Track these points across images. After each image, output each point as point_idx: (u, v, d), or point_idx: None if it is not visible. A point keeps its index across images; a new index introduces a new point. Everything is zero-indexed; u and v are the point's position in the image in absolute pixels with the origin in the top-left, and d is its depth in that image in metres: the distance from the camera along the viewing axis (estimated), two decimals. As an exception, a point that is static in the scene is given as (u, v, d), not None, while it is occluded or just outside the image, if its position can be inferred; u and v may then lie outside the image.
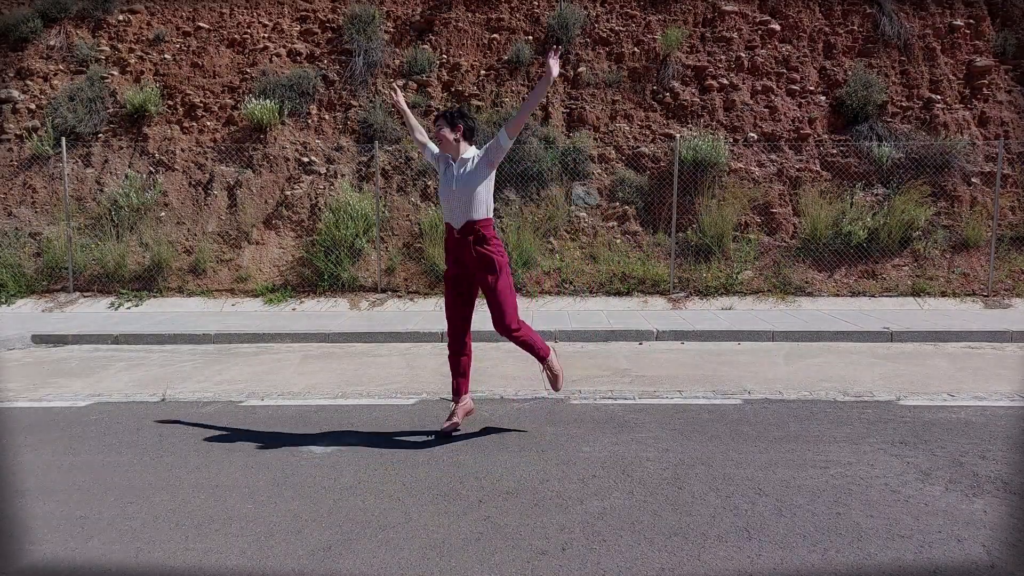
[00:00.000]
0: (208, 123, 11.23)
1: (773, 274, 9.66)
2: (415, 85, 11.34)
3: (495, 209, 10.20)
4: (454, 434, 4.19)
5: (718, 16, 11.51)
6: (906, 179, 10.12)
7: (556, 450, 3.88)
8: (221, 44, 11.80)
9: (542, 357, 4.18)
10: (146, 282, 9.98)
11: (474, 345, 7.21)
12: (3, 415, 4.85)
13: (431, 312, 8.97)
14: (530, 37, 11.53)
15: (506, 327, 4.01)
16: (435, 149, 4.23)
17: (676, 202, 9.82)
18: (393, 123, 10.99)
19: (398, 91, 4.52)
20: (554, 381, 4.27)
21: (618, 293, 9.52)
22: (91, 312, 9.26)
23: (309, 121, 11.16)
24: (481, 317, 4.39)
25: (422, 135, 4.39)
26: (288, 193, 10.59)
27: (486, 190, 3.95)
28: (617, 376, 5.82)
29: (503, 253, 4.03)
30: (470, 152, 4.02)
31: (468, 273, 4.02)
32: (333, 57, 11.60)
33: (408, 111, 4.45)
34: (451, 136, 3.97)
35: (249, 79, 11.41)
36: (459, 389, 4.20)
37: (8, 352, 7.26)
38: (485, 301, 4.05)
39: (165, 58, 11.72)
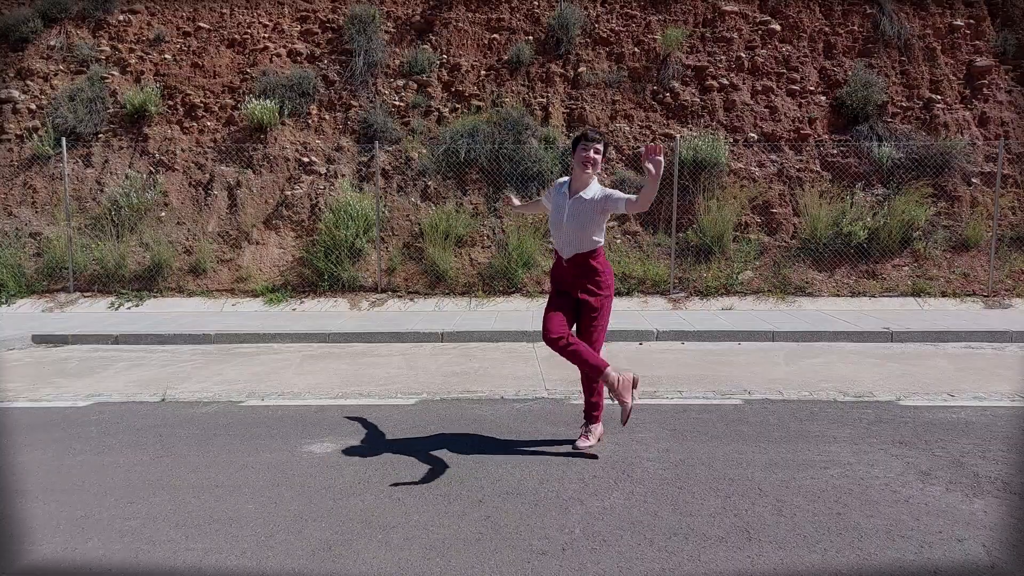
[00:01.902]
0: (208, 123, 11.23)
1: (773, 274, 9.66)
2: (415, 85, 11.34)
3: (496, 210, 10.25)
4: (453, 433, 4.19)
5: (718, 16, 11.52)
6: (906, 179, 10.12)
7: (556, 450, 3.88)
8: (221, 44, 11.80)
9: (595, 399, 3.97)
10: (146, 282, 9.98)
11: (474, 345, 7.26)
12: (3, 415, 4.85)
13: (431, 312, 8.97)
14: (530, 37, 11.53)
15: (600, 361, 3.71)
16: (543, 199, 4.10)
17: (676, 202, 9.83)
18: (393, 123, 10.99)
19: (512, 200, 4.29)
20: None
21: (618, 293, 9.50)
22: (91, 312, 9.27)
23: (309, 121, 11.16)
24: (491, 317, 4.36)
25: (544, 202, 4.14)
26: (288, 193, 10.59)
27: (598, 229, 3.77)
28: (617, 376, 5.81)
29: (609, 285, 3.85)
30: (591, 190, 3.74)
31: (573, 296, 3.88)
32: (333, 57, 11.60)
33: (519, 207, 4.31)
34: (600, 164, 3.74)
35: (249, 79, 11.41)
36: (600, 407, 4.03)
37: (8, 352, 7.26)
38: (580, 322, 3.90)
39: (165, 58, 11.72)
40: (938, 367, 6.11)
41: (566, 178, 3.90)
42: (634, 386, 3.58)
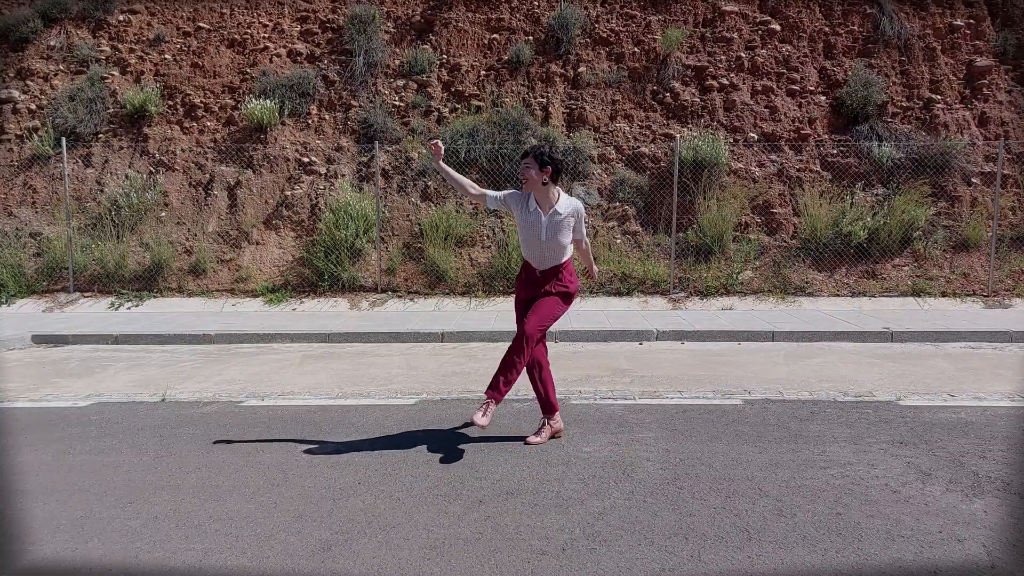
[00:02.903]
0: (208, 123, 11.23)
1: (773, 274, 9.66)
2: (415, 85, 11.34)
3: (496, 210, 10.24)
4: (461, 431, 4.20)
5: (718, 16, 11.51)
6: (906, 179, 10.12)
7: (556, 450, 3.88)
8: (221, 44, 11.80)
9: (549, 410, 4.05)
10: (146, 282, 9.98)
11: (474, 345, 7.26)
12: (3, 415, 4.85)
13: (431, 312, 8.97)
14: (530, 37, 11.53)
15: (527, 335, 3.80)
16: (496, 194, 4.01)
17: (676, 202, 9.82)
18: (393, 123, 10.99)
19: (439, 147, 3.96)
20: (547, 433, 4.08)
21: (618, 293, 9.52)
22: (91, 312, 9.26)
23: (309, 121, 11.16)
24: (491, 317, 4.36)
25: (475, 188, 4.03)
26: (288, 193, 10.59)
27: (569, 239, 3.97)
28: (617, 376, 5.82)
29: (575, 282, 4.05)
30: (563, 204, 3.88)
31: (539, 294, 3.99)
32: (333, 57, 11.60)
33: (449, 170, 4.01)
34: (538, 178, 3.79)
35: (249, 79, 11.41)
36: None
37: (8, 352, 7.26)
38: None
39: (165, 58, 11.72)
40: (938, 367, 6.11)
41: (520, 191, 3.95)
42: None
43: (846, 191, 10.13)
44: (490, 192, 4.03)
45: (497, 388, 3.75)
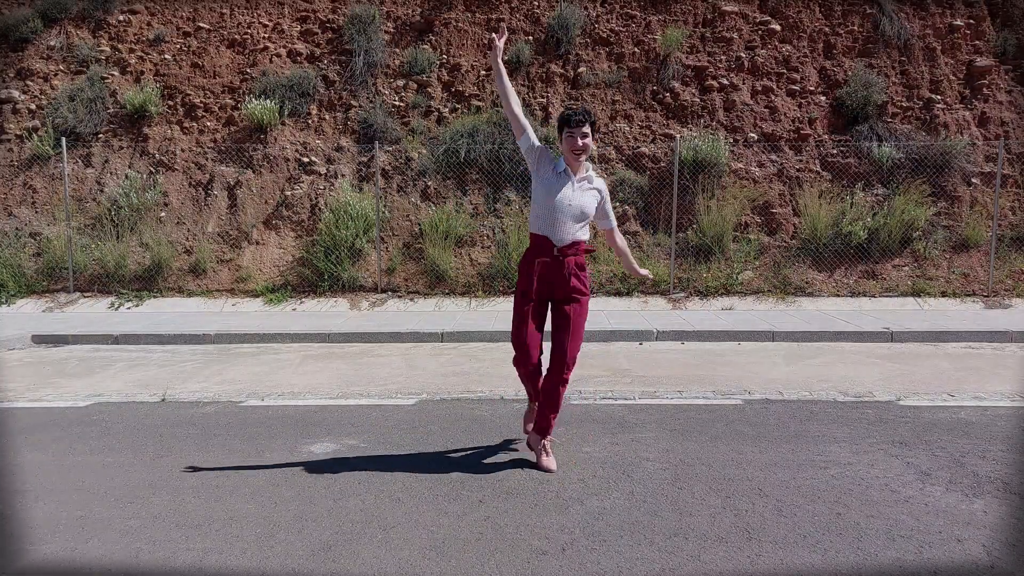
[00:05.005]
0: (208, 123, 11.23)
1: (773, 274, 9.66)
2: (415, 85, 11.34)
3: (496, 210, 10.24)
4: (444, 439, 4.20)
5: (718, 16, 11.51)
6: (906, 179, 10.11)
7: (556, 450, 3.87)
8: (221, 44, 11.80)
9: (544, 428, 3.61)
10: (146, 282, 9.98)
11: (474, 345, 7.26)
12: (3, 415, 4.85)
13: (431, 312, 8.97)
14: (530, 37, 11.53)
15: (569, 365, 3.50)
16: (535, 139, 3.57)
17: (676, 202, 9.82)
18: (393, 123, 10.99)
19: (499, 39, 3.49)
20: (537, 457, 3.65)
21: (618, 293, 9.52)
22: (91, 312, 9.26)
23: (309, 121, 11.16)
24: (491, 317, 4.35)
25: (520, 112, 3.55)
26: (288, 193, 10.58)
27: (592, 216, 3.65)
28: (617, 376, 5.82)
29: (588, 285, 3.64)
30: (592, 174, 3.62)
31: (554, 295, 3.56)
32: (333, 57, 11.60)
33: (504, 75, 3.47)
34: (592, 146, 3.50)
35: (249, 79, 11.41)
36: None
37: (8, 352, 7.26)
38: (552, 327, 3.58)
39: (165, 58, 11.72)
40: (938, 367, 6.11)
41: (547, 149, 3.59)
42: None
43: (846, 191, 10.13)
44: (531, 132, 3.55)
45: (549, 427, 3.60)
